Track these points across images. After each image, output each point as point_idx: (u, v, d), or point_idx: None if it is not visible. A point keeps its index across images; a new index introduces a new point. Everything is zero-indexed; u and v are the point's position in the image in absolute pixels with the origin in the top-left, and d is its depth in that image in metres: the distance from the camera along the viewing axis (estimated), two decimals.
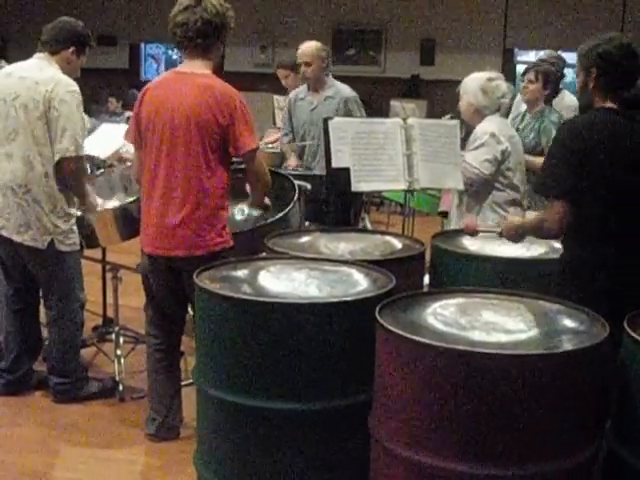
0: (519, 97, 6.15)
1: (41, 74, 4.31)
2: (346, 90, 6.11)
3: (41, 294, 4.64)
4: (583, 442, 2.66)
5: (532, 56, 12.42)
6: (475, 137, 4.83)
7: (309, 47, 6.03)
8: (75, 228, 4.45)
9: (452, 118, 5.29)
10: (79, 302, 4.56)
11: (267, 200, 4.29)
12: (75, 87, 4.34)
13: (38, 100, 4.24)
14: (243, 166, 3.99)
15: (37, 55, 4.45)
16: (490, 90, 4.82)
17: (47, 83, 4.27)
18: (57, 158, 4.27)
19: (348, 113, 5.86)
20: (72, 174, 4.34)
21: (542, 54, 6.49)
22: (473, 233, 3.98)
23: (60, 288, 4.47)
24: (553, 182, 3.25)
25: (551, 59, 6.08)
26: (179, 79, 3.88)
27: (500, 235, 3.69)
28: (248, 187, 4.20)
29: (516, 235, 3.60)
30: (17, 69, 4.43)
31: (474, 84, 4.85)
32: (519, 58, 12.85)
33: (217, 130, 3.76)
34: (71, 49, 4.43)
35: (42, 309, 4.70)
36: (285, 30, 13.16)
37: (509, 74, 10.44)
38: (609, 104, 3.28)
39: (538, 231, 3.43)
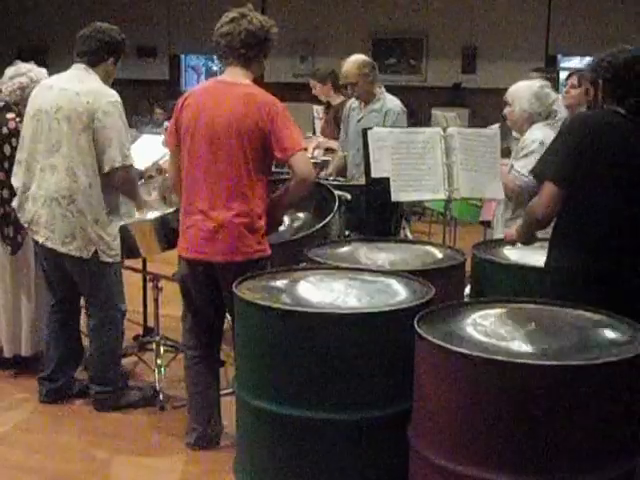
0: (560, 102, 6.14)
1: (82, 86, 4.34)
2: (391, 103, 6.00)
3: (83, 303, 4.68)
4: (625, 453, 2.63)
5: (575, 62, 12.33)
6: (524, 145, 4.79)
7: (351, 67, 5.93)
8: (118, 238, 4.49)
9: (501, 128, 5.27)
10: (120, 312, 4.60)
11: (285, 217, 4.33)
12: (116, 97, 4.38)
13: (81, 111, 4.28)
14: (284, 177, 3.97)
15: (76, 66, 4.47)
16: (543, 96, 4.81)
17: (88, 94, 4.30)
18: (107, 169, 4.32)
19: (391, 126, 5.67)
20: (123, 183, 4.42)
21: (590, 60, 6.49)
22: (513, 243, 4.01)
23: (101, 298, 4.51)
24: (546, 166, 3.28)
25: None
26: (220, 88, 3.91)
27: (515, 243, 3.74)
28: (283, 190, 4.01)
29: (521, 235, 3.61)
30: (57, 81, 4.46)
31: (527, 91, 4.82)
32: (562, 65, 12.74)
33: (258, 137, 3.77)
34: (110, 60, 4.47)
35: (83, 318, 4.74)
36: (325, 40, 13.20)
37: (552, 81, 10.37)
38: (617, 108, 3.30)
39: (527, 218, 3.44)
